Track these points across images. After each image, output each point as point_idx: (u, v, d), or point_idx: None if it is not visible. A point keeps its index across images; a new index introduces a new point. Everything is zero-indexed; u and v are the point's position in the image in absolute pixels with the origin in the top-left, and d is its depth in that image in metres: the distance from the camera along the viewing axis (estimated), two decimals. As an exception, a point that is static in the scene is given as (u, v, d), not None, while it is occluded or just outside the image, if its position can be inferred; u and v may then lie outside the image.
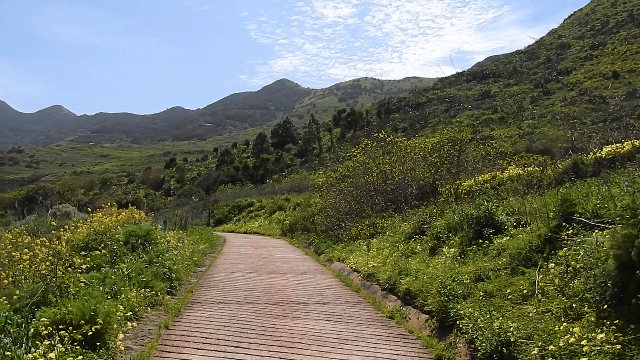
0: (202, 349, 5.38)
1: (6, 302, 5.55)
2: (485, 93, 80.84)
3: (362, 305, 8.24)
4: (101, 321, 4.80)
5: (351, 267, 11.55)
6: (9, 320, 4.67)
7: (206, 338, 5.80)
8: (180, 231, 16.29)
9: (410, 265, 8.67)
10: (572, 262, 5.00)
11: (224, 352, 5.31)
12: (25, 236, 8.16)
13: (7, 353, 3.98)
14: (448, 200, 13.00)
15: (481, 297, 5.81)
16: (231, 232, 32.90)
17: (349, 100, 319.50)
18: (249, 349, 5.46)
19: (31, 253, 7.24)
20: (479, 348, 4.93)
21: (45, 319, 4.70)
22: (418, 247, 9.80)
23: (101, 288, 6.47)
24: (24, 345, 4.32)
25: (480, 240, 7.52)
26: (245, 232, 31.89)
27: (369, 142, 18.62)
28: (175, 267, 9.40)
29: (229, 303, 7.90)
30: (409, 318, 7.05)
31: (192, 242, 14.71)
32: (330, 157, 78.78)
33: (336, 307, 7.96)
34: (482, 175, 13.20)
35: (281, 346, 5.60)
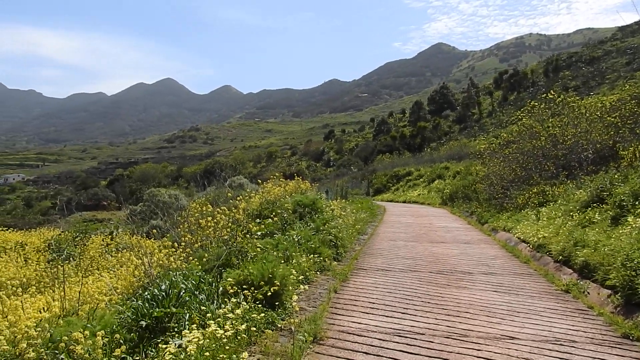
0: (370, 314, 5.56)
1: (198, 264, 6.29)
2: (679, 40, 70.00)
3: (533, 277, 7.82)
4: (278, 283, 5.22)
5: (518, 238, 11.00)
6: (202, 280, 5.28)
7: (373, 303, 5.98)
8: (342, 200, 16.86)
9: (587, 236, 7.98)
10: None
11: (392, 317, 5.43)
12: (208, 206, 9.13)
13: (202, 307, 4.54)
14: (632, 164, 11.63)
15: (678, 273, 5.17)
16: (390, 201, 33.20)
17: (511, 60, 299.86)
18: (415, 315, 5.51)
19: (214, 220, 8.09)
20: (676, 329, 4.41)
21: (231, 279, 5.24)
22: (596, 216, 8.96)
23: (275, 253, 7.02)
24: (214, 301, 4.88)
25: (676, 209, 6.65)
26: (404, 202, 31.95)
27: (536, 103, 17.38)
28: (340, 234, 9.79)
29: (393, 271, 8.04)
30: (588, 293, 6.52)
31: (353, 211, 15.16)
32: (492, 122, 75.00)
33: (504, 278, 7.66)
34: (676, 135, 11.55)
35: (448, 315, 5.56)
